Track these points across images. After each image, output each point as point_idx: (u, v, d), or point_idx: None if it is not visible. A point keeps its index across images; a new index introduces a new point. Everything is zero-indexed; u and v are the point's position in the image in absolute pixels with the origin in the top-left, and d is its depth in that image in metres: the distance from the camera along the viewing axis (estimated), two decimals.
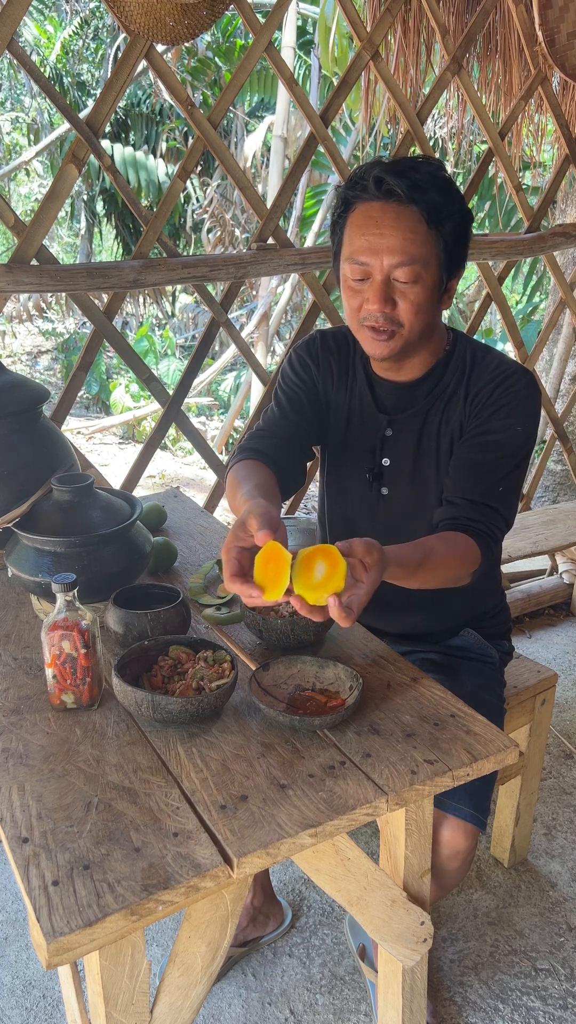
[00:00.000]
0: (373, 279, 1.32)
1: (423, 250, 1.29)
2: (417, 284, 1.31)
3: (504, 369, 1.43)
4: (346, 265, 1.35)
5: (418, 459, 1.49)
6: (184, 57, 7.19)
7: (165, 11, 2.00)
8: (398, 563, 1.18)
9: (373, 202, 1.30)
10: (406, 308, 1.33)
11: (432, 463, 1.48)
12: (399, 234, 1.28)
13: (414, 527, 1.49)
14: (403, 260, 1.29)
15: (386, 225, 1.29)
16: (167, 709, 1.11)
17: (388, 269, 1.30)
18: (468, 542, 1.33)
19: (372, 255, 1.30)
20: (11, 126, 9.98)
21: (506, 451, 1.41)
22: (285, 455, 1.48)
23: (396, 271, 1.30)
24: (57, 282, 2.03)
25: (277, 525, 1.11)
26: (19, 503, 1.44)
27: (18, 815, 1.01)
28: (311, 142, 2.42)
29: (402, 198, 1.27)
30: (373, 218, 1.30)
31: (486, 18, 2.63)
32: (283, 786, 1.05)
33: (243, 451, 1.48)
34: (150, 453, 2.43)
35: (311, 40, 6.25)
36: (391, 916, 1.21)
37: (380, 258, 1.30)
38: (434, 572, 1.27)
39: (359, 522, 1.58)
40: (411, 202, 1.28)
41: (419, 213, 1.28)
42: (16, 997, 1.67)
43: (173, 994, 1.07)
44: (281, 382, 1.58)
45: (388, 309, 1.33)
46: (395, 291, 1.32)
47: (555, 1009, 1.64)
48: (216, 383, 7.78)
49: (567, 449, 3.48)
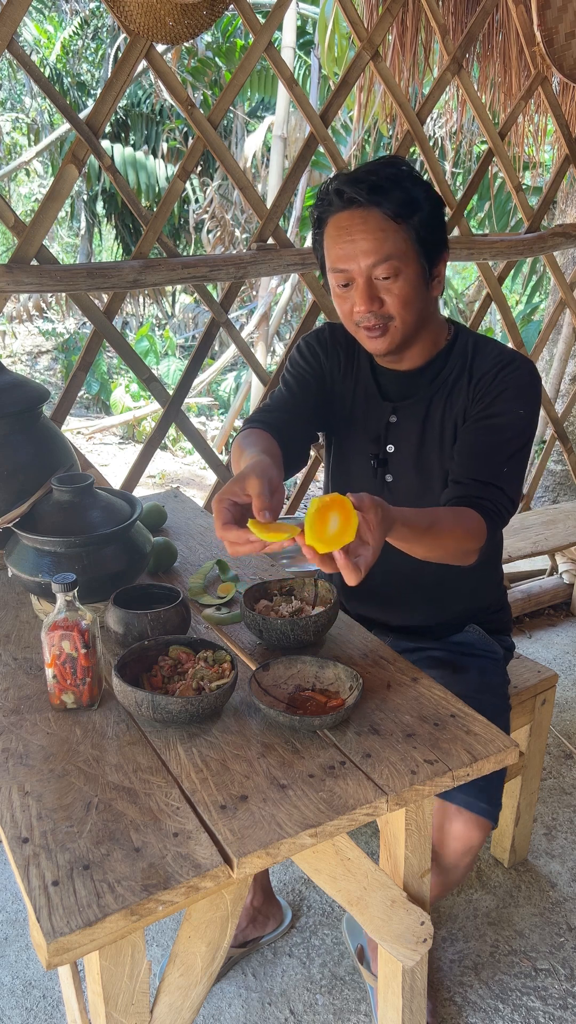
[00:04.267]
0: (356, 283, 1.37)
1: (396, 245, 1.33)
2: (399, 278, 1.35)
3: (506, 355, 1.46)
4: (331, 276, 1.40)
5: (422, 446, 1.51)
6: (184, 57, 7.19)
7: (165, 11, 1.99)
8: (405, 522, 1.19)
9: (341, 212, 1.36)
10: (393, 302, 1.37)
11: (436, 450, 1.50)
12: (369, 235, 1.33)
13: None
14: (378, 259, 1.33)
15: (355, 231, 1.34)
16: (167, 709, 1.11)
17: (367, 270, 1.35)
18: (475, 516, 1.35)
19: (349, 261, 1.35)
20: (11, 126, 9.98)
21: (510, 434, 1.43)
22: (291, 430, 1.50)
23: (375, 270, 1.35)
24: (57, 282, 2.03)
25: (277, 486, 1.13)
26: (19, 503, 1.44)
27: (18, 815, 1.01)
28: (311, 142, 2.42)
29: (364, 203, 1.33)
30: (343, 227, 1.35)
31: (486, 18, 2.63)
32: (283, 786, 1.05)
33: (250, 422, 1.51)
34: (150, 453, 2.43)
35: (311, 40, 6.25)
36: (391, 916, 1.21)
37: (357, 262, 1.35)
38: (441, 540, 1.28)
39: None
40: (373, 204, 1.32)
41: (384, 211, 1.32)
42: (16, 997, 1.67)
43: (173, 994, 1.07)
44: (289, 366, 1.62)
45: (376, 307, 1.37)
46: (379, 289, 1.37)
47: (555, 1009, 1.64)
48: (216, 383, 7.78)
49: (567, 449, 3.48)
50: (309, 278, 2.55)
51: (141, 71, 6.45)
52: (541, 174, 6.51)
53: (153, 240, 2.21)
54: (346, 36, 4.30)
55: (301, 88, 2.45)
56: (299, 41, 6.17)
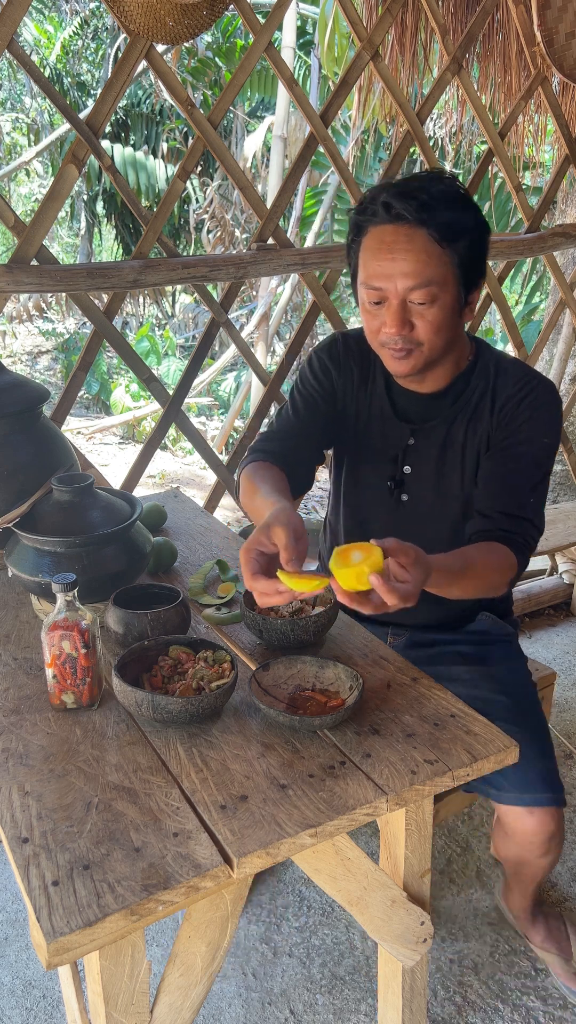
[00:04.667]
0: (389, 303, 1.32)
1: (438, 270, 1.28)
2: (434, 304, 1.30)
3: (530, 379, 1.45)
4: (362, 290, 1.35)
5: (441, 468, 1.50)
6: (184, 57, 7.19)
7: (165, 11, 1.99)
8: (440, 568, 1.18)
9: (385, 225, 1.29)
10: (424, 328, 1.33)
11: (456, 472, 1.49)
12: (412, 256, 1.27)
13: (431, 534, 1.49)
14: (418, 283, 1.28)
15: (398, 249, 1.28)
16: (167, 709, 1.11)
17: (403, 293, 1.30)
18: (505, 551, 1.35)
19: (386, 280, 1.30)
20: (11, 126, 9.98)
21: (534, 461, 1.43)
22: (296, 459, 1.49)
23: (412, 294, 1.29)
24: (57, 282, 2.03)
25: (302, 533, 1.13)
26: (19, 503, 1.44)
27: (18, 815, 1.01)
28: (311, 142, 2.42)
29: (411, 220, 1.26)
30: (385, 243, 1.29)
31: (486, 18, 2.63)
32: (283, 786, 1.05)
33: (255, 452, 1.49)
34: (150, 453, 2.43)
35: (311, 40, 6.25)
36: (391, 916, 1.21)
37: (394, 282, 1.29)
38: (474, 581, 1.29)
39: (373, 526, 1.59)
40: (421, 224, 1.26)
41: (431, 234, 1.27)
42: (16, 997, 1.67)
43: (173, 994, 1.07)
44: (299, 383, 1.58)
45: (406, 331, 1.33)
46: (412, 313, 1.32)
47: (555, 1009, 1.64)
48: (216, 383, 7.78)
49: (567, 449, 3.48)
50: (309, 278, 2.54)
51: (141, 71, 6.45)
52: (541, 174, 6.52)
53: (153, 240, 2.21)
54: (346, 36, 4.30)
55: (301, 88, 2.45)
56: (299, 41, 6.17)
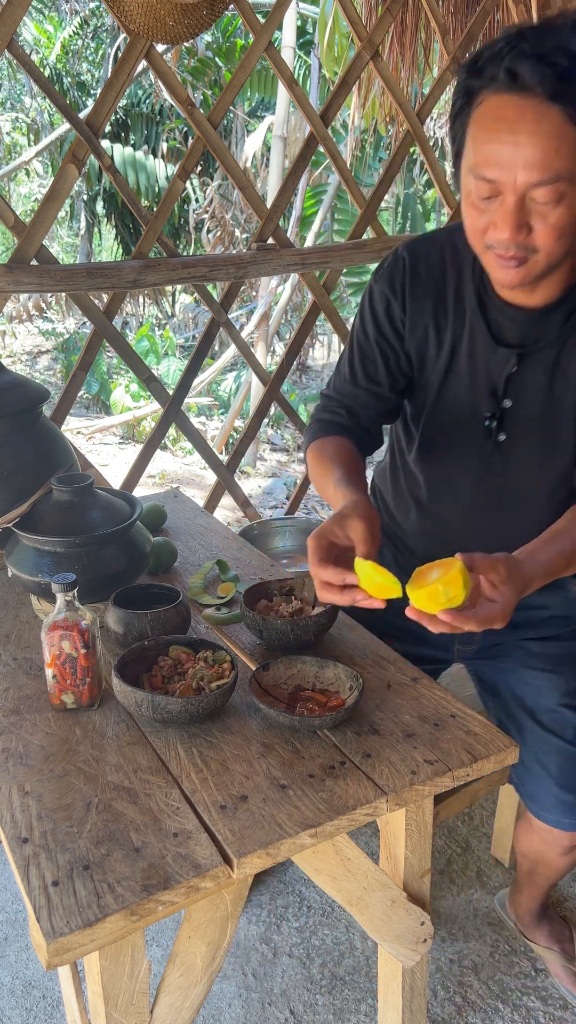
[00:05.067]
0: (504, 199, 1.04)
1: (570, 162, 0.99)
2: (560, 204, 1.02)
3: None
4: (469, 179, 1.07)
5: (551, 402, 1.25)
6: (184, 57, 7.19)
7: (165, 11, 1.99)
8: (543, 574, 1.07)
9: (508, 95, 1.00)
10: (545, 233, 1.05)
11: (569, 407, 1.25)
12: (539, 142, 0.98)
13: (530, 486, 1.31)
14: (544, 178, 1.00)
15: (522, 130, 0.99)
16: (167, 709, 1.11)
17: (524, 188, 1.01)
18: None
19: (503, 170, 1.01)
20: (11, 126, 9.98)
21: None
22: (363, 419, 1.36)
23: (535, 191, 1.01)
24: (57, 282, 2.03)
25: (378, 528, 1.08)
26: (19, 503, 1.44)
27: (18, 815, 1.01)
28: (311, 142, 2.42)
29: (544, 95, 0.97)
30: (506, 120, 1.00)
31: (486, 18, 2.63)
32: (283, 786, 1.05)
33: (319, 420, 1.38)
34: (150, 453, 2.43)
35: (311, 40, 6.25)
36: (391, 916, 1.21)
37: (513, 174, 1.01)
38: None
39: (458, 480, 1.37)
40: (555, 100, 0.97)
41: (567, 113, 0.97)
42: (16, 997, 1.67)
43: (173, 994, 1.07)
44: (359, 326, 1.37)
45: (522, 237, 1.05)
46: (531, 214, 1.04)
47: (555, 1009, 1.64)
48: (216, 383, 7.77)
49: None
50: (309, 278, 2.55)
51: (141, 71, 6.45)
52: None
53: (153, 240, 2.21)
54: (346, 36, 4.30)
55: (301, 88, 2.45)
56: (299, 41, 6.17)
